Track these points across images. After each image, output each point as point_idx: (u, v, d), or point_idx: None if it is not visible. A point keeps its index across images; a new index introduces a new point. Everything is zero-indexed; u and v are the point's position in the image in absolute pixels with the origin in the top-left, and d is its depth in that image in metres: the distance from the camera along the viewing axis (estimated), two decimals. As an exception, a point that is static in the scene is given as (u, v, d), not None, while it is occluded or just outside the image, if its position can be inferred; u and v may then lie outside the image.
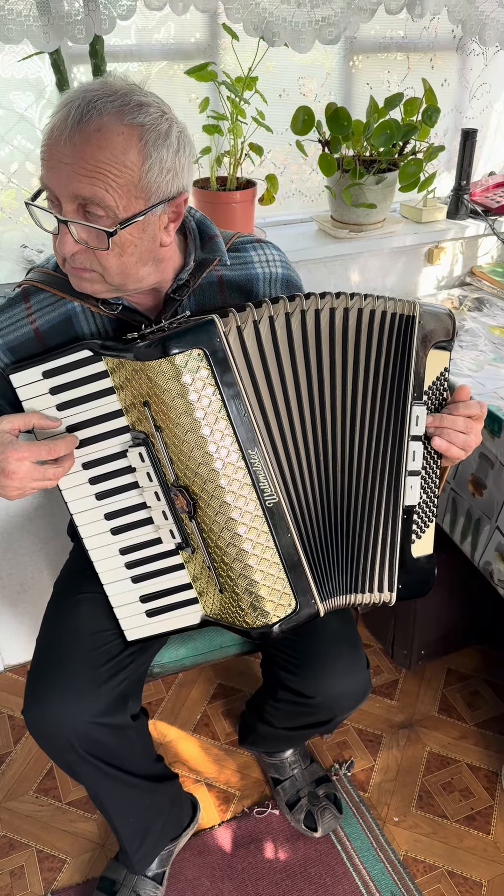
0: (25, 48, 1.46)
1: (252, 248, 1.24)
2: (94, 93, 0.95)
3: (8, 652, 2.02)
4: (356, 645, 1.29)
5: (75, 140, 0.94)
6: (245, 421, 1.00)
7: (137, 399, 1.04)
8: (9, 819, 1.68)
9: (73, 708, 1.16)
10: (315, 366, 1.06)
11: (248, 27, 1.47)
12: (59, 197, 0.97)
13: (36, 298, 1.15)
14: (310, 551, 1.08)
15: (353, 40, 1.79)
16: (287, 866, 1.57)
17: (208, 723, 1.88)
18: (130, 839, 1.40)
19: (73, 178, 0.95)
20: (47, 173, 0.97)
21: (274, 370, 1.03)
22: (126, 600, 1.18)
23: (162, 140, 0.97)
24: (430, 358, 1.12)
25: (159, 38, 1.62)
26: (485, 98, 2.01)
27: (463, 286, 2.08)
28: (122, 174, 0.95)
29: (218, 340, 0.97)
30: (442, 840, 1.63)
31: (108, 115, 0.94)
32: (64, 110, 0.95)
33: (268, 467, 1.02)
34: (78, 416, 1.10)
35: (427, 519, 1.18)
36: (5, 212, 1.66)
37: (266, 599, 1.05)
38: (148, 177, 0.97)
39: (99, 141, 0.94)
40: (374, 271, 1.94)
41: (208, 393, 0.98)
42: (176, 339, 0.96)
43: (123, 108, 0.95)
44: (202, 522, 1.05)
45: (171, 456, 1.04)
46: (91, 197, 0.96)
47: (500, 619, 2.03)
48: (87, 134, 0.93)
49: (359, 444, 1.11)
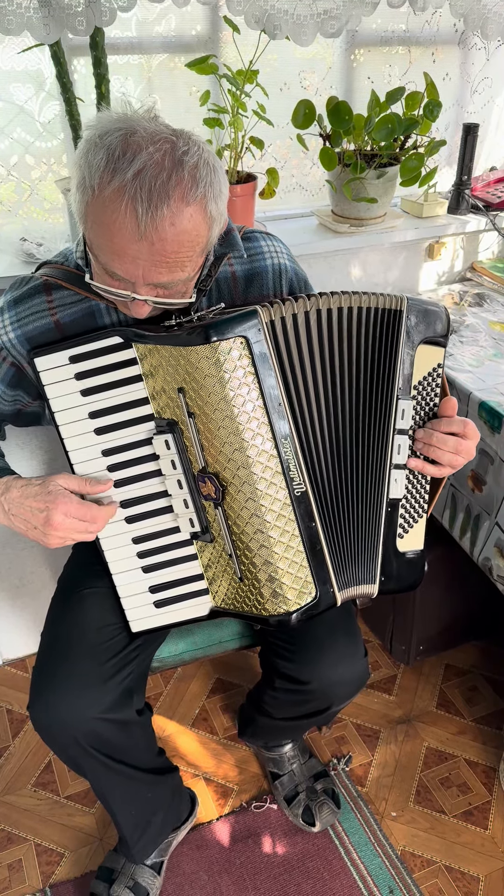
0: (25, 40, 1.45)
1: (262, 237, 1.25)
2: (146, 174, 0.92)
3: (7, 646, 2.02)
4: (354, 633, 1.30)
5: (152, 239, 0.94)
6: (280, 410, 1.03)
7: (170, 385, 1.05)
8: (7, 813, 1.68)
9: (79, 704, 1.16)
10: (328, 360, 1.08)
11: (250, 20, 1.46)
12: (134, 282, 0.99)
13: (58, 294, 1.15)
14: (330, 541, 1.10)
15: (355, 34, 1.78)
16: (285, 861, 1.57)
17: (207, 717, 1.88)
18: (131, 830, 1.41)
19: (151, 271, 0.98)
20: (119, 265, 0.98)
21: (297, 364, 1.05)
22: (134, 590, 1.18)
23: (218, 197, 1.00)
24: (420, 353, 1.13)
25: (160, 30, 1.61)
26: (486, 93, 2.01)
27: (463, 281, 2.07)
28: (194, 249, 0.99)
29: (259, 331, 0.99)
30: (440, 835, 1.63)
31: (174, 201, 0.94)
32: (124, 202, 0.92)
33: (296, 457, 1.05)
34: (103, 403, 1.10)
35: (416, 514, 1.18)
36: (5, 205, 1.65)
37: (289, 587, 1.07)
38: (212, 233, 1.02)
39: (176, 235, 0.95)
40: (375, 266, 1.94)
41: (248, 381, 1.00)
42: (220, 327, 0.98)
43: (181, 183, 0.94)
44: (229, 510, 1.07)
45: (204, 442, 1.05)
46: (171, 282, 1.00)
47: (498, 615, 2.03)
48: (163, 232, 0.94)
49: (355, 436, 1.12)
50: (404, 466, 1.14)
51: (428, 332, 1.13)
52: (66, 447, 1.12)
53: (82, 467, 1.13)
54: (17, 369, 1.17)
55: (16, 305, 1.15)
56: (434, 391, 1.16)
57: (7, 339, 1.15)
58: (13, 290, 1.17)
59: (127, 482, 1.13)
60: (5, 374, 1.18)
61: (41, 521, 1.07)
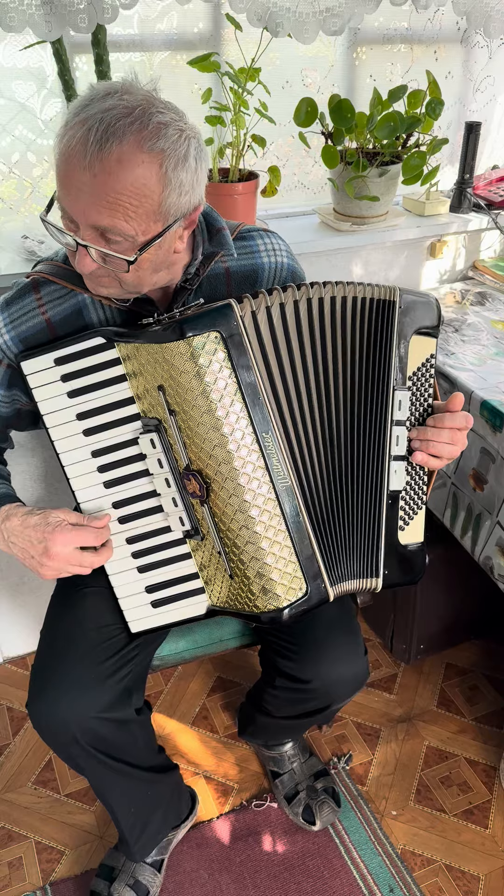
0: (27, 37, 1.45)
1: (258, 235, 1.24)
2: (111, 112, 0.93)
3: (7, 644, 2.02)
4: (354, 632, 1.30)
5: (95, 170, 0.93)
6: (259, 404, 1.01)
7: (151, 384, 1.05)
8: (7, 810, 1.68)
9: (79, 703, 1.16)
10: (321, 351, 1.08)
11: (252, 17, 1.46)
12: (78, 221, 0.97)
13: (46, 290, 1.15)
14: (320, 535, 1.09)
15: (357, 31, 1.78)
16: (285, 859, 1.57)
17: (207, 716, 1.88)
18: (131, 829, 1.41)
19: (91, 208, 0.95)
20: (65, 195, 0.97)
21: (284, 355, 1.04)
22: (131, 591, 1.18)
23: (181, 164, 0.97)
24: (413, 343, 1.13)
25: (162, 27, 1.61)
26: (489, 91, 2.00)
27: (465, 280, 2.07)
28: (142, 204, 0.96)
29: (235, 324, 0.99)
30: (440, 834, 1.63)
31: (128, 142, 0.93)
32: (82, 131, 0.92)
33: (280, 450, 1.04)
34: (89, 404, 1.10)
35: (415, 506, 1.18)
36: (6, 202, 1.65)
37: (277, 583, 1.06)
38: (168, 202, 0.98)
39: (119, 172, 0.93)
40: (377, 265, 1.93)
41: (224, 375, 0.99)
42: (193, 322, 0.98)
43: (143, 131, 0.93)
44: (214, 506, 1.06)
45: (185, 439, 1.05)
46: (110, 227, 0.96)
47: (499, 614, 2.03)
48: (108, 165, 0.92)
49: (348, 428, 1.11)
50: (404, 458, 1.14)
51: (421, 323, 1.13)
52: (57, 449, 1.13)
53: (73, 469, 1.13)
54: (13, 370, 1.18)
55: (8, 307, 1.16)
56: (428, 381, 1.16)
57: (2, 342, 1.15)
58: (5, 294, 1.18)
59: (118, 482, 1.13)
60: (2, 377, 1.18)
61: (39, 551, 1.08)
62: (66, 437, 1.12)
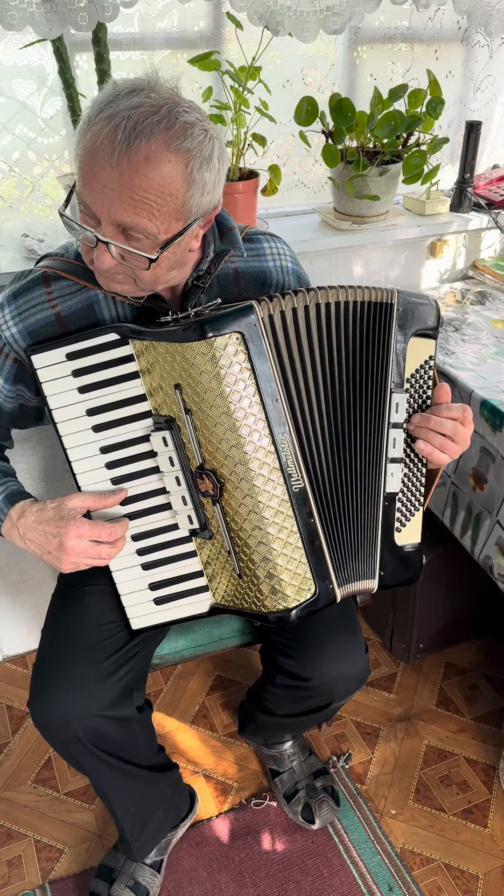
0: (28, 36, 1.45)
1: (265, 239, 1.25)
2: (139, 110, 0.93)
3: (7, 643, 2.02)
4: (354, 630, 1.30)
5: (122, 168, 0.93)
6: (276, 406, 1.02)
7: (167, 382, 1.05)
8: (7, 809, 1.68)
9: (80, 701, 1.16)
10: (327, 355, 1.08)
11: (253, 16, 1.46)
12: (100, 217, 0.97)
13: (57, 285, 1.15)
14: (329, 537, 1.10)
15: (358, 30, 1.78)
16: (284, 858, 1.57)
17: (207, 714, 1.88)
18: (131, 828, 1.41)
19: (116, 205, 0.95)
20: (88, 193, 0.96)
21: (297, 358, 1.05)
22: (134, 588, 1.18)
23: (206, 164, 0.98)
24: (411, 345, 1.13)
25: (163, 26, 1.60)
26: (489, 90, 2.00)
27: (465, 280, 2.07)
28: (166, 203, 0.96)
29: (255, 326, 0.99)
30: (439, 833, 1.63)
31: (155, 140, 0.93)
32: (109, 127, 0.92)
33: (294, 452, 1.04)
34: (100, 400, 1.10)
35: (412, 507, 1.18)
36: (6, 201, 1.65)
37: (288, 584, 1.07)
38: (191, 201, 0.98)
39: (146, 171, 0.93)
40: (377, 264, 1.93)
41: (244, 377, 1.00)
42: (215, 322, 0.98)
43: (170, 129, 0.94)
44: (227, 506, 1.07)
45: (200, 439, 1.05)
46: (134, 225, 0.96)
47: (499, 614, 2.03)
48: (135, 163, 0.93)
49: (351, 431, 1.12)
50: (400, 460, 1.14)
51: (419, 325, 1.13)
52: (65, 445, 1.12)
53: (80, 465, 1.13)
54: (19, 364, 1.17)
55: (15, 299, 1.15)
56: (427, 384, 1.16)
57: (9, 335, 1.14)
58: (12, 285, 1.17)
59: (126, 479, 1.13)
60: (8, 371, 1.18)
61: (55, 545, 1.09)
62: (74, 433, 1.12)
